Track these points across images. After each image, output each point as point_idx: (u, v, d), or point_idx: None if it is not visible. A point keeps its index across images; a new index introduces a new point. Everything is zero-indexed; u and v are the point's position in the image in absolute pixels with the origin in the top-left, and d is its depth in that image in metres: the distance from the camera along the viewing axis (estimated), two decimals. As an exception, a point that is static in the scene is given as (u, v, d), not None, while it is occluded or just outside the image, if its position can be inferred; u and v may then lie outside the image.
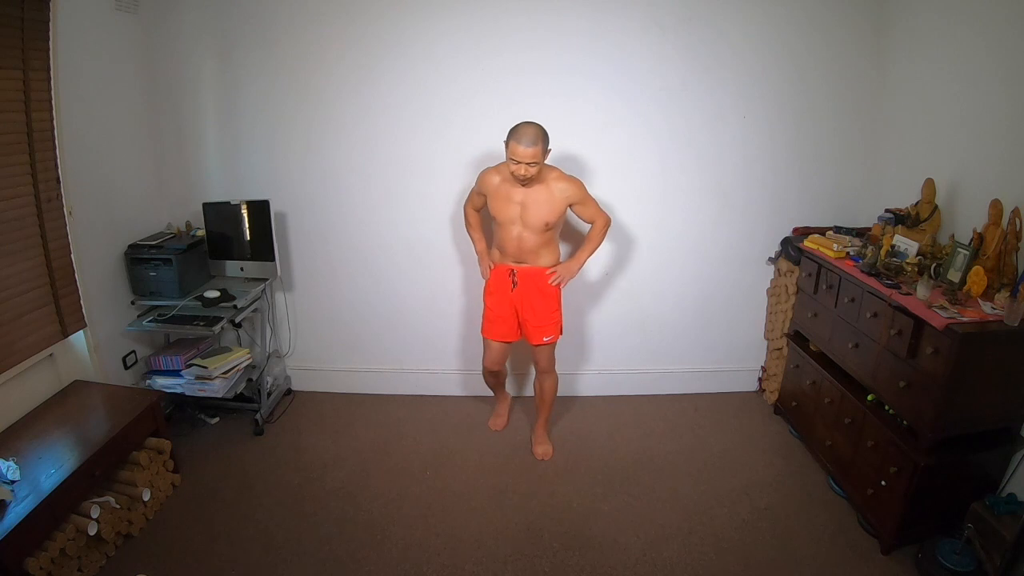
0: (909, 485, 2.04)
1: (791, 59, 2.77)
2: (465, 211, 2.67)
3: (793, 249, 2.84)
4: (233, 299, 2.75)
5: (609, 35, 2.71)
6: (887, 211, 2.45)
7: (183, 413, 3.03)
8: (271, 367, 3.16)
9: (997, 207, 2.00)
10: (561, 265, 2.55)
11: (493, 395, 2.98)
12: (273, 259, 2.87)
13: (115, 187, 2.70)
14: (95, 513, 2.04)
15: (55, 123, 2.29)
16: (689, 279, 3.12)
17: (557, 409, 2.92)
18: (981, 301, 1.95)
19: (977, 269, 1.98)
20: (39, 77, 2.21)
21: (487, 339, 2.66)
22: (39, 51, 2.20)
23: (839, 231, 2.74)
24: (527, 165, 2.23)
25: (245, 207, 2.83)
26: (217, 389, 2.72)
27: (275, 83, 2.83)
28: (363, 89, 2.81)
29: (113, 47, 2.61)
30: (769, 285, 3.15)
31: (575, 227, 2.89)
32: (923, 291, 2.00)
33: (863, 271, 2.30)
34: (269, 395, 3.08)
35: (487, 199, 2.48)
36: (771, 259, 3.09)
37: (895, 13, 2.67)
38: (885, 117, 2.79)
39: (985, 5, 2.21)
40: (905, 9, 2.61)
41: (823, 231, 2.77)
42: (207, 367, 2.72)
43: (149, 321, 2.67)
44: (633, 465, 2.70)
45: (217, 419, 3.03)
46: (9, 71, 2.09)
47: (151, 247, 2.71)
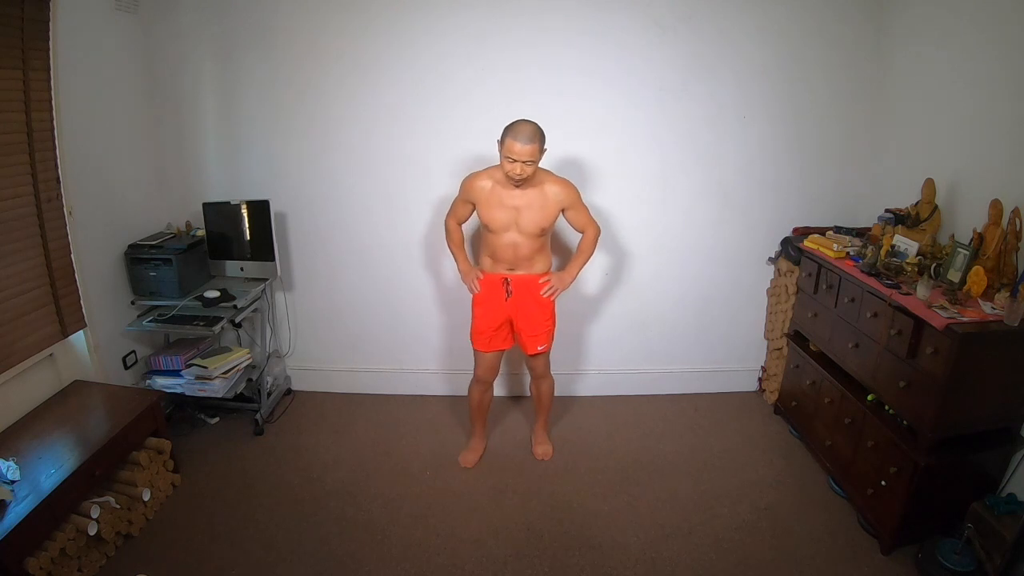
0: (909, 485, 2.04)
1: (791, 58, 2.77)
2: (447, 225, 2.51)
3: (793, 249, 2.84)
4: (233, 299, 2.75)
5: (609, 33, 2.72)
6: (887, 211, 2.45)
7: (183, 413, 3.03)
8: (271, 367, 3.16)
9: (997, 207, 2.00)
10: (554, 275, 2.47)
11: (471, 425, 2.76)
12: (273, 259, 2.87)
13: (115, 187, 2.70)
14: (95, 513, 2.04)
15: (55, 123, 2.29)
16: (689, 279, 3.12)
17: (556, 409, 2.92)
18: (981, 301, 1.95)
19: (977, 269, 1.98)
20: (39, 77, 2.20)
21: (480, 351, 2.55)
22: (39, 51, 2.20)
23: (839, 231, 2.74)
24: (523, 164, 2.13)
25: (245, 207, 2.83)
26: (217, 389, 2.72)
27: (275, 83, 2.83)
28: (362, 88, 2.81)
29: (113, 47, 2.61)
30: (769, 285, 3.15)
31: (563, 240, 2.88)
32: (923, 291, 2.00)
33: (863, 271, 2.30)
34: (269, 395, 3.08)
35: (477, 207, 2.36)
36: (771, 259, 3.09)
37: (896, 13, 2.67)
38: (885, 117, 2.79)
39: (985, 5, 2.21)
40: (906, 9, 2.62)
41: (823, 231, 2.78)
42: (207, 367, 2.72)
43: (149, 321, 2.67)
44: (633, 465, 2.70)
45: (217, 419, 3.03)
46: (9, 71, 2.09)
47: (151, 247, 2.71)
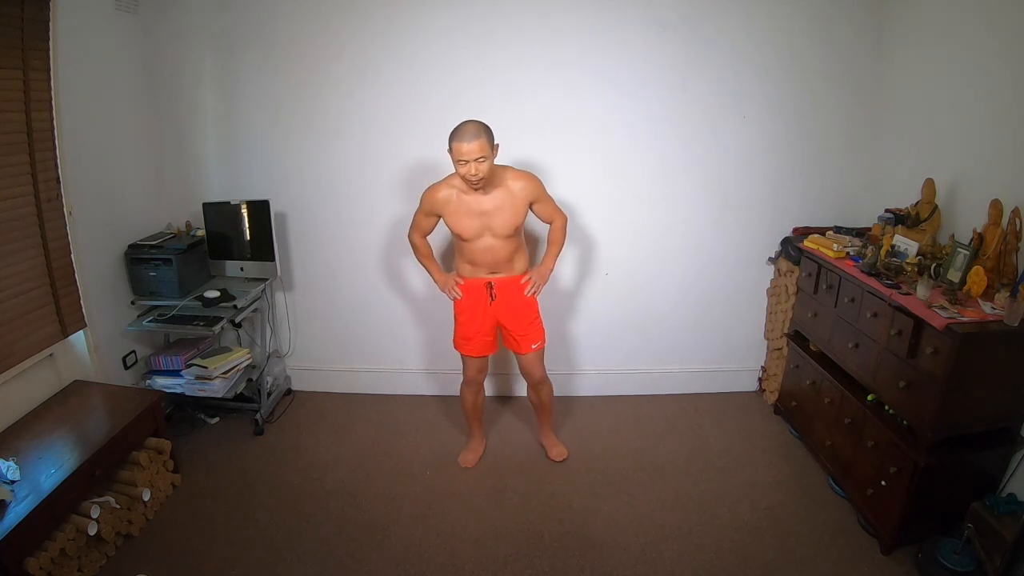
0: (909, 485, 2.04)
1: (791, 58, 2.77)
2: (412, 241, 2.45)
3: (793, 249, 2.84)
4: (233, 299, 2.75)
5: (609, 32, 2.71)
6: (887, 211, 2.45)
7: (183, 413, 3.03)
8: (271, 367, 3.16)
9: (997, 207, 2.00)
10: (534, 272, 2.45)
11: (468, 427, 2.77)
12: (273, 259, 2.87)
13: (115, 187, 2.70)
14: (95, 513, 2.04)
15: (55, 123, 2.30)
16: (689, 279, 3.11)
17: (557, 409, 2.91)
18: (981, 301, 1.95)
19: (977, 269, 1.98)
20: (39, 77, 2.21)
21: (466, 356, 2.54)
22: (39, 51, 2.20)
23: (839, 231, 2.73)
24: (476, 162, 2.05)
25: (245, 207, 2.83)
26: (217, 389, 2.72)
27: (274, 82, 2.83)
28: (361, 88, 2.81)
29: (113, 47, 2.61)
30: (769, 285, 3.15)
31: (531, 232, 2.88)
32: (923, 291, 2.00)
33: (863, 271, 2.30)
34: (269, 395, 3.08)
35: (444, 218, 2.30)
36: (771, 259, 3.09)
37: (896, 12, 2.67)
38: (885, 117, 2.79)
39: (986, 5, 2.21)
40: (906, 8, 2.61)
41: (823, 231, 2.77)
42: (207, 367, 2.72)
43: (149, 321, 2.67)
44: (633, 465, 2.70)
45: (217, 419, 3.03)
46: (9, 71, 2.10)
47: (151, 247, 2.72)
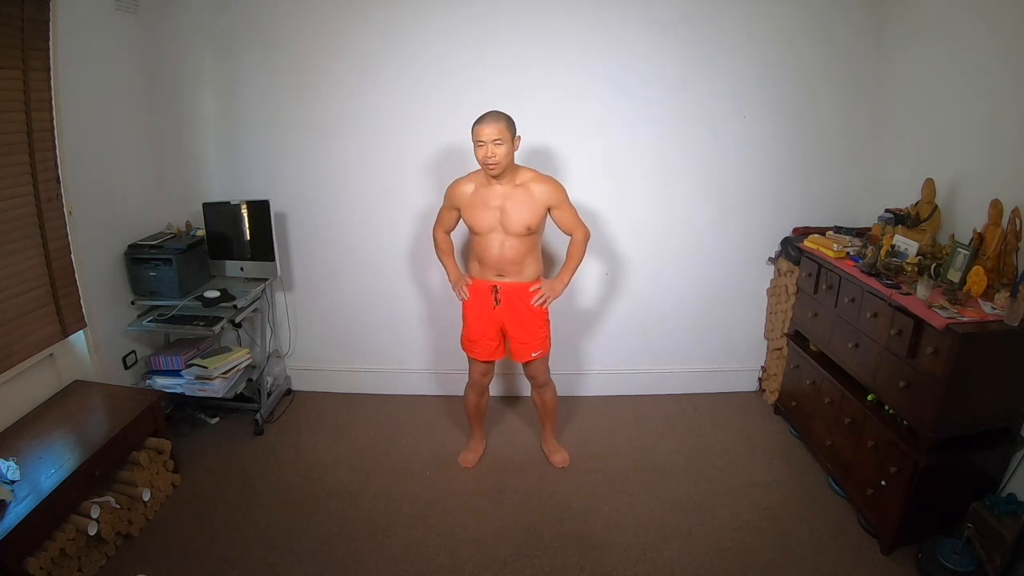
0: (909, 485, 2.04)
1: (791, 58, 2.77)
2: (435, 235, 2.49)
3: (793, 249, 2.84)
4: (233, 299, 2.75)
5: (609, 32, 2.71)
6: (887, 211, 2.45)
7: (183, 413, 3.03)
8: (271, 367, 3.16)
9: (997, 207, 2.00)
10: (545, 283, 2.41)
11: (470, 426, 2.77)
12: (273, 259, 2.87)
13: (115, 187, 2.70)
14: (95, 513, 2.04)
15: (55, 123, 2.29)
16: (689, 279, 3.12)
17: (558, 409, 2.91)
18: (981, 301, 1.95)
19: (977, 269, 1.98)
20: (39, 77, 2.21)
21: (471, 357, 2.53)
22: (39, 51, 2.20)
23: (839, 231, 2.73)
24: (492, 144, 2.10)
25: (245, 207, 2.83)
26: (217, 389, 2.72)
27: (274, 82, 2.83)
28: (361, 87, 2.81)
29: (113, 47, 2.61)
30: (769, 285, 3.15)
31: (551, 248, 2.89)
32: (923, 291, 2.00)
33: (863, 271, 2.30)
34: (269, 395, 3.08)
35: (461, 211, 2.34)
36: (771, 259, 3.09)
37: (896, 12, 2.67)
38: (885, 117, 2.79)
39: (986, 5, 2.21)
40: (906, 8, 2.61)
41: (823, 231, 2.77)
42: (207, 367, 2.72)
43: (149, 321, 2.67)
44: (633, 465, 2.70)
45: (217, 419, 3.03)
46: (9, 71, 2.09)
47: (151, 247, 2.71)
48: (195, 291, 2.81)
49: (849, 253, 2.50)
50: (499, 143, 2.12)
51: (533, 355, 2.48)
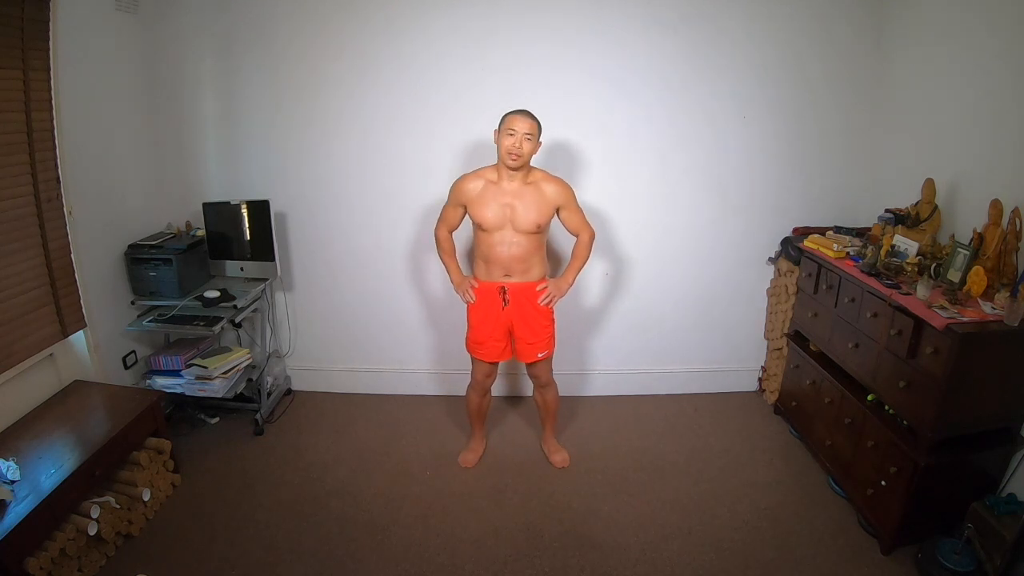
0: (909, 485, 2.04)
1: (792, 58, 2.77)
2: (437, 235, 2.46)
3: (793, 249, 2.84)
4: (233, 299, 2.75)
5: (610, 32, 2.72)
6: (887, 211, 2.45)
7: (183, 413, 3.03)
8: (271, 367, 3.16)
9: (997, 207, 2.00)
10: (551, 282, 2.43)
11: (470, 426, 2.76)
12: (273, 259, 2.87)
13: (115, 187, 2.70)
14: (95, 513, 2.04)
15: (55, 123, 2.29)
16: (689, 279, 3.12)
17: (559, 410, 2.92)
18: (981, 301, 1.95)
19: (977, 269, 1.98)
20: (39, 77, 2.20)
21: (477, 359, 2.52)
22: (39, 51, 2.19)
23: (839, 231, 2.74)
24: (523, 137, 2.15)
25: (245, 207, 2.83)
26: (217, 389, 2.72)
27: (274, 82, 2.83)
28: (361, 87, 2.81)
29: (113, 47, 2.60)
30: (769, 285, 3.15)
31: (556, 247, 2.88)
32: (923, 291, 2.00)
33: (863, 271, 2.30)
34: (269, 395, 3.08)
35: (468, 208, 2.32)
36: (771, 259, 3.09)
37: (896, 12, 2.67)
38: (886, 116, 2.79)
39: (986, 5, 2.21)
40: (906, 8, 2.62)
41: (823, 231, 2.78)
42: (207, 367, 2.72)
43: (149, 321, 2.67)
44: (633, 465, 2.70)
45: (217, 419, 3.03)
46: (9, 71, 2.09)
47: (151, 247, 2.71)
48: (195, 291, 2.81)
49: (849, 253, 2.50)
50: (529, 138, 2.18)
51: (539, 355, 2.48)
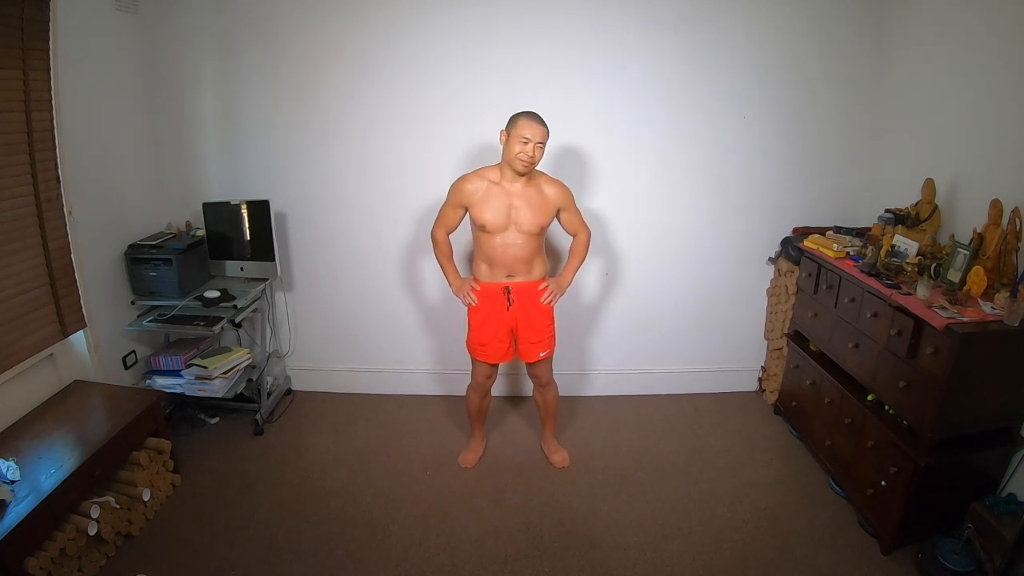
0: (909, 485, 2.04)
1: (792, 58, 2.77)
2: (435, 237, 2.41)
3: (793, 249, 2.84)
4: (233, 299, 2.75)
5: (610, 32, 2.72)
6: (887, 211, 2.45)
7: (183, 413, 3.03)
8: (271, 367, 3.16)
9: (997, 207, 2.00)
10: (552, 280, 2.44)
11: (470, 427, 2.76)
12: (273, 259, 2.87)
13: (115, 187, 2.70)
14: (95, 513, 2.04)
15: (55, 123, 2.29)
16: (689, 279, 3.12)
17: (559, 410, 2.91)
18: (981, 301, 1.95)
19: (977, 269, 1.98)
20: (39, 77, 2.20)
21: (480, 361, 2.51)
22: (39, 51, 2.20)
23: (839, 231, 2.74)
24: (536, 145, 2.13)
25: (245, 207, 2.83)
26: (217, 389, 2.72)
27: (274, 82, 2.83)
28: (361, 87, 2.81)
29: (113, 47, 2.61)
30: (769, 285, 3.15)
31: (554, 244, 2.88)
32: (923, 291, 2.00)
33: (863, 271, 2.30)
34: (269, 395, 3.08)
35: (470, 209, 2.29)
36: (771, 259, 3.09)
37: (896, 12, 2.67)
38: (885, 117, 2.79)
39: (986, 5, 2.21)
40: (906, 8, 2.62)
41: (823, 231, 2.77)
42: (207, 367, 2.72)
43: (149, 321, 2.67)
44: (633, 465, 2.70)
45: (217, 419, 3.03)
46: (9, 71, 2.09)
47: (151, 247, 2.71)
48: (195, 291, 2.81)
49: (849, 253, 2.50)
50: (541, 146, 2.17)
51: (541, 355, 2.48)
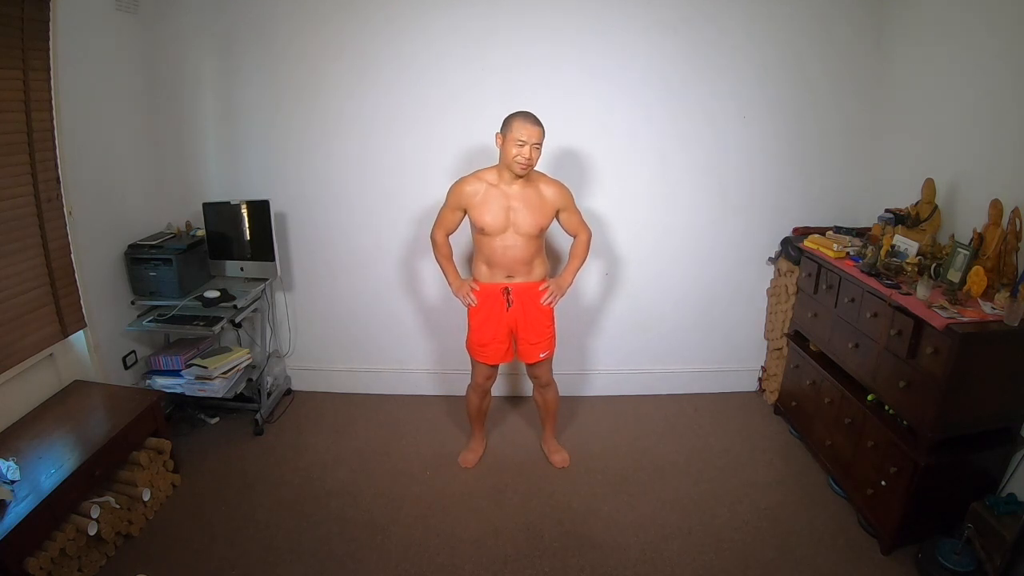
0: (909, 485, 2.04)
1: (792, 58, 2.77)
2: (434, 239, 2.40)
3: (793, 249, 2.84)
4: (233, 299, 2.75)
5: (610, 32, 2.72)
6: (887, 211, 2.45)
7: (183, 413, 3.03)
8: (271, 367, 3.16)
9: (997, 207, 2.00)
10: (552, 281, 2.43)
11: (470, 427, 2.76)
12: (273, 259, 2.87)
13: (115, 187, 2.70)
14: (95, 513, 2.04)
15: (55, 123, 2.29)
16: (689, 279, 3.12)
17: (559, 410, 2.91)
18: (981, 301, 1.95)
19: (977, 269, 1.98)
20: (39, 77, 2.21)
21: (479, 361, 2.51)
22: (39, 51, 2.20)
23: (839, 231, 2.74)
24: (532, 147, 2.12)
25: (245, 207, 2.83)
26: (217, 389, 2.72)
27: (274, 82, 2.83)
28: (361, 88, 2.81)
29: (113, 47, 2.61)
30: (769, 285, 3.15)
31: (554, 245, 2.88)
32: (923, 291, 2.00)
33: (863, 271, 2.30)
34: (269, 395, 3.08)
35: (469, 212, 2.28)
36: (771, 259, 3.09)
37: (896, 12, 2.67)
38: (885, 117, 2.79)
39: (986, 5, 2.21)
40: (906, 8, 2.62)
41: (823, 231, 2.78)
42: (207, 367, 2.72)
43: (149, 321, 2.67)
44: (633, 465, 2.70)
45: (217, 419, 3.03)
46: (9, 71, 2.09)
47: (151, 247, 2.71)
48: (195, 291, 2.81)
49: (849, 253, 2.50)
50: (537, 147, 2.16)
51: (541, 355, 2.48)
